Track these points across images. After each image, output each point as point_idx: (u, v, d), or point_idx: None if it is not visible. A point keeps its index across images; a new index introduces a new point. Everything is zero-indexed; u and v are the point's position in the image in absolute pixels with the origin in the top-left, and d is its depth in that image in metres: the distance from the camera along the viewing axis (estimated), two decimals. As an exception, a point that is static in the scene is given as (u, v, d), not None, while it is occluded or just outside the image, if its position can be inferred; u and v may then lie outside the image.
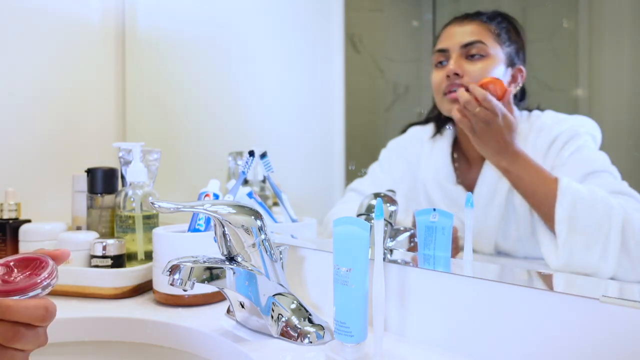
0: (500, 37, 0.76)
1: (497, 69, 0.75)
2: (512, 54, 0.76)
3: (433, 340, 0.60)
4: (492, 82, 0.71)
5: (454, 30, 0.80)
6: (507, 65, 0.76)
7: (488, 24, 0.77)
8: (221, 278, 0.60)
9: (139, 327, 0.71)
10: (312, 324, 0.62)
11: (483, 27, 0.77)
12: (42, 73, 1.19)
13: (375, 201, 0.75)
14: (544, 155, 0.71)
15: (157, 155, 1.00)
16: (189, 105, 1.29)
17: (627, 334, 0.45)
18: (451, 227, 0.64)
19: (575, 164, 0.68)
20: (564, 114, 0.72)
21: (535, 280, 0.54)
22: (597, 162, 0.67)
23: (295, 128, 1.16)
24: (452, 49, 0.79)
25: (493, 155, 0.71)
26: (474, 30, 0.78)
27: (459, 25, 0.80)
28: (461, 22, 0.80)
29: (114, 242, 0.85)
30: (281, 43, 1.18)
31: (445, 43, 0.80)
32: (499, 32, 0.76)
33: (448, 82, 0.78)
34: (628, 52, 0.65)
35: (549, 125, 0.72)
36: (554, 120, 0.72)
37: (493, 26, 0.76)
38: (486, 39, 0.76)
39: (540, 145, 0.71)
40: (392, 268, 0.64)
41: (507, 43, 0.76)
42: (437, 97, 0.82)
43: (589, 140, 0.68)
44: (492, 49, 0.76)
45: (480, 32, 0.77)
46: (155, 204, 0.58)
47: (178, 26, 1.30)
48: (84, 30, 1.27)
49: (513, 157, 0.70)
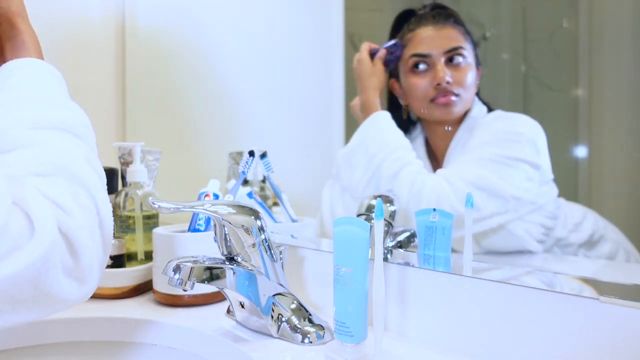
0: (470, 41, 0.78)
1: (473, 73, 0.77)
2: (475, 55, 0.78)
3: (433, 340, 0.60)
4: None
5: (429, 34, 0.80)
6: (476, 66, 0.78)
7: (458, 28, 0.78)
8: (221, 278, 0.60)
9: (139, 327, 0.71)
10: (312, 324, 0.62)
11: (457, 31, 0.78)
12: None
13: (375, 201, 0.75)
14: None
15: (157, 155, 1.00)
16: (189, 105, 1.29)
17: (627, 334, 0.45)
18: (451, 227, 0.64)
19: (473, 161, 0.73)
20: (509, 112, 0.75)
21: (535, 280, 0.54)
22: (484, 179, 0.70)
23: (295, 128, 1.16)
24: (434, 54, 0.78)
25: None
26: (453, 34, 0.78)
27: (433, 28, 0.80)
28: (435, 26, 0.80)
29: (114, 242, 0.85)
30: (281, 43, 1.18)
31: (424, 47, 0.80)
32: (468, 35, 0.78)
33: (437, 90, 0.78)
34: (628, 52, 0.65)
35: (491, 122, 0.75)
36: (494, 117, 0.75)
37: (462, 29, 0.78)
38: (464, 43, 0.77)
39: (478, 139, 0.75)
40: (392, 268, 0.64)
41: (472, 45, 0.78)
42: (419, 103, 0.81)
43: (525, 153, 0.70)
44: (469, 53, 0.77)
45: (457, 36, 0.78)
46: (155, 204, 0.58)
47: (178, 26, 1.30)
48: (83, 30, 1.27)
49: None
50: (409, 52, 0.81)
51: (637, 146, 0.63)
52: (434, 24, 0.79)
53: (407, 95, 0.83)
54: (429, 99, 0.79)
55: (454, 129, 0.79)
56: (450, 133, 0.79)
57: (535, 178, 0.69)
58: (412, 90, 0.82)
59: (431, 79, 0.78)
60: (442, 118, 0.80)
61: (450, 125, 0.79)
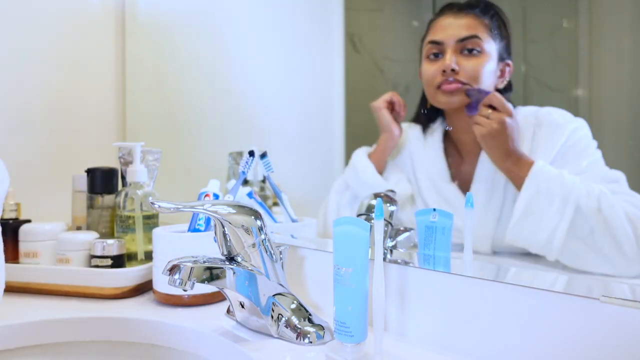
0: (493, 32, 0.76)
1: (489, 65, 0.76)
2: (502, 48, 0.76)
3: (433, 340, 0.60)
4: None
5: (448, 22, 0.79)
6: (498, 60, 0.76)
7: (482, 18, 0.76)
8: (221, 278, 0.60)
9: (139, 327, 0.71)
10: (312, 324, 0.62)
11: (478, 21, 0.77)
12: (41, 73, 1.19)
13: (375, 201, 0.75)
14: (551, 156, 0.70)
15: (157, 155, 1.00)
16: (189, 105, 1.29)
17: (627, 334, 0.45)
18: (451, 227, 0.64)
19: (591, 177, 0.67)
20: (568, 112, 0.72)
21: (536, 280, 0.54)
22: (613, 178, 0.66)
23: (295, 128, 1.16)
24: (447, 42, 0.78)
25: (502, 157, 0.72)
26: (469, 23, 0.77)
27: (453, 17, 0.79)
28: (456, 15, 0.79)
29: (114, 242, 0.85)
30: (281, 43, 1.18)
31: (439, 35, 0.79)
32: (492, 27, 0.76)
33: (443, 77, 0.78)
34: (628, 52, 0.65)
35: (560, 125, 0.71)
36: (564, 120, 0.71)
37: (487, 20, 0.76)
38: (481, 33, 0.76)
39: (546, 146, 0.71)
40: (392, 268, 0.64)
41: (498, 38, 0.76)
42: (429, 89, 0.82)
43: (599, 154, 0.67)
44: (487, 44, 0.76)
45: (475, 26, 0.77)
46: (155, 204, 0.58)
47: (179, 25, 1.30)
48: (83, 30, 1.27)
49: (517, 158, 0.70)
50: (427, 39, 0.82)
51: (637, 146, 0.63)
52: (456, 12, 0.79)
53: (423, 83, 0.84)
54: (436, 86, 0.79)
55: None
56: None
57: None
58: (424, 76, 0.82)
59: (440, 66, 0.78)
60: (446, 106, 0.80)
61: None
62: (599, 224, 0.62)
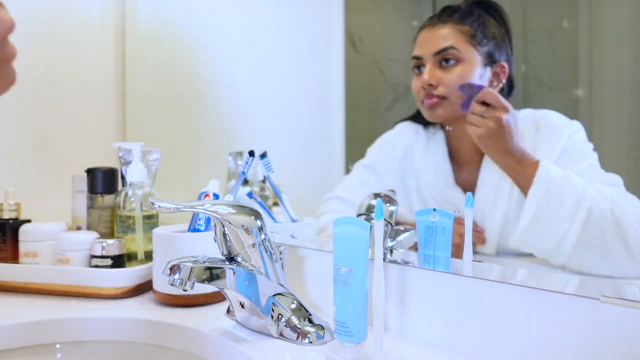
0: (475, 38, 0.74)
1: (473, 73, 0.74)
2: (491, 51, 0.74)
3: (433, 340, 0.60)
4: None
5: (425, 36, 0.79)
6: (486, 64, 0.74)
7: (461, 25, 0.74)
8: (221, 278, 0.60)
9: (139, 327, 0.71)
10: (312, 324, 0.62)
11: (455, 30, 0.75)
12: (41, 73, 1.19)
13: (375, 201, 0.75)
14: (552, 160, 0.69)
15: (157, 155, 1.00)
16: (189, 105, 1.29)
17: (627, 334, 0.45)
18: (451, 227, 0.64)
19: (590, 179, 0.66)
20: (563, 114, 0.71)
21: (535, 280, 0.54)
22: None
23: (295, 128, 1.16)
24: (425, 56, 0.78)
25: (502, 157, 0.70)
26: (445, 34, 0.76)
27: (429, 29, 0.78)
28: (432, 27, 0.78)
29: (114, 242, 0.85)
30: (281, 43, 1.18)
31: (418, 49, 0.80)
32: (474, 32, 0.74)
33: (424, 92, 0.78)
34: (628, 52, 0.65)
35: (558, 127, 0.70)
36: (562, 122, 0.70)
37: (467, 26, 0.74)
38: (459, 42, 0.74)
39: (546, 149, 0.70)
40: (392, 268, 0.64)
41: (483, 41, 0.73)
42: (417, 104, 0.82)
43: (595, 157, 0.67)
44: (466, 52, 0.74)
45: (451, 35, 0.75)
46: (155, 204, 0.58)
47: (179, 26, 1.30)
48: (83, 29, 1.27)
49: (519, 155, 0.69)
50: (412, 53, 0.82)
51: (637, 146, 0.63)
52: (433, 24, 0.78)
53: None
54: (420, 100, 0.80)
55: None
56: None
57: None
58: (413, 90, 0.83)
59: (421, 81, 0.79)
60: (432, 119, 0.80)
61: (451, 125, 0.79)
62: (611, 227, 0.60)
